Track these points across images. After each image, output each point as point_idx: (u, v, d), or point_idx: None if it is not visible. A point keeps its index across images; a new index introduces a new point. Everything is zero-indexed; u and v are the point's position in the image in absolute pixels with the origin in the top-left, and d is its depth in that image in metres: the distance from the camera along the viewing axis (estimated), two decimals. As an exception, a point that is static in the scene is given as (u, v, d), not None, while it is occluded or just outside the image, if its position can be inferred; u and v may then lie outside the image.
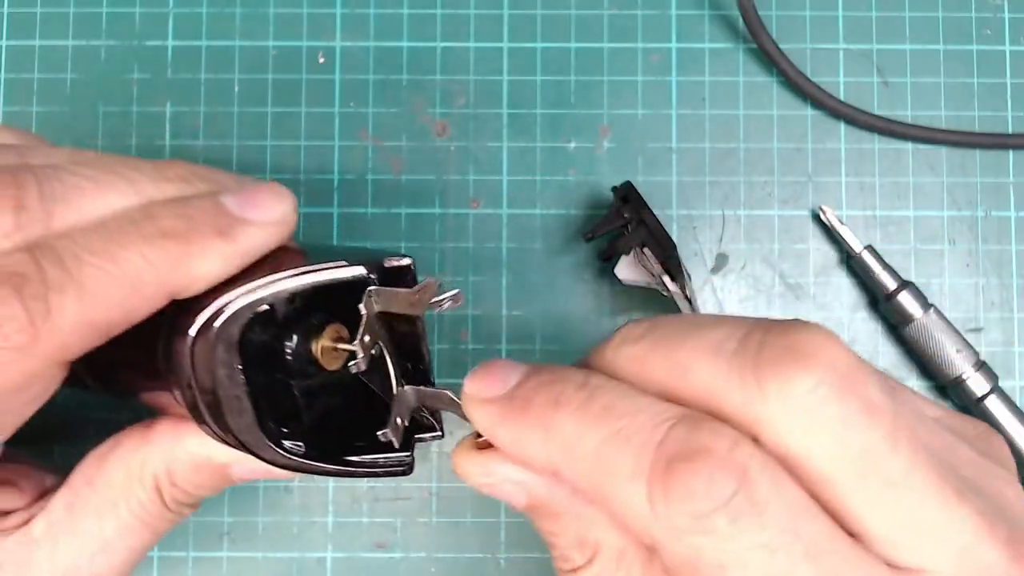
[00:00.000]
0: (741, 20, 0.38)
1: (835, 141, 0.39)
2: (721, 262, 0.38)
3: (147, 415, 0.29)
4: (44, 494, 0.28)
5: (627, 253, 0.35)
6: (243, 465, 0.28)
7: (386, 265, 0.25)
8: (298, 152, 0.39)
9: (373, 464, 0.27)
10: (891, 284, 0.36)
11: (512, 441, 0.22)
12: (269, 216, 0.25)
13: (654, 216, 0.34)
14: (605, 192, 0.38)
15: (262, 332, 0.25)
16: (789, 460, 0.20)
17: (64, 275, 0.22)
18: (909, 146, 0.39)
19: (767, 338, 0.20)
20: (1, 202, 0.23)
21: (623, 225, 0.34)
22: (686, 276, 0.35)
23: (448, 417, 0.28)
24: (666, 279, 0.34)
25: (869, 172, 0.39)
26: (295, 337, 0.26)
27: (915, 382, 0.38)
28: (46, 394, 0.24)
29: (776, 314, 0.38)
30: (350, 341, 0.25)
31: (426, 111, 0.39)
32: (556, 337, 0.38)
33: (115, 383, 0.29)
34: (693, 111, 0.39)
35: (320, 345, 0.26)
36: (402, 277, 0.26)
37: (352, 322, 0.26)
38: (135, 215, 0.24)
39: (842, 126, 0.39)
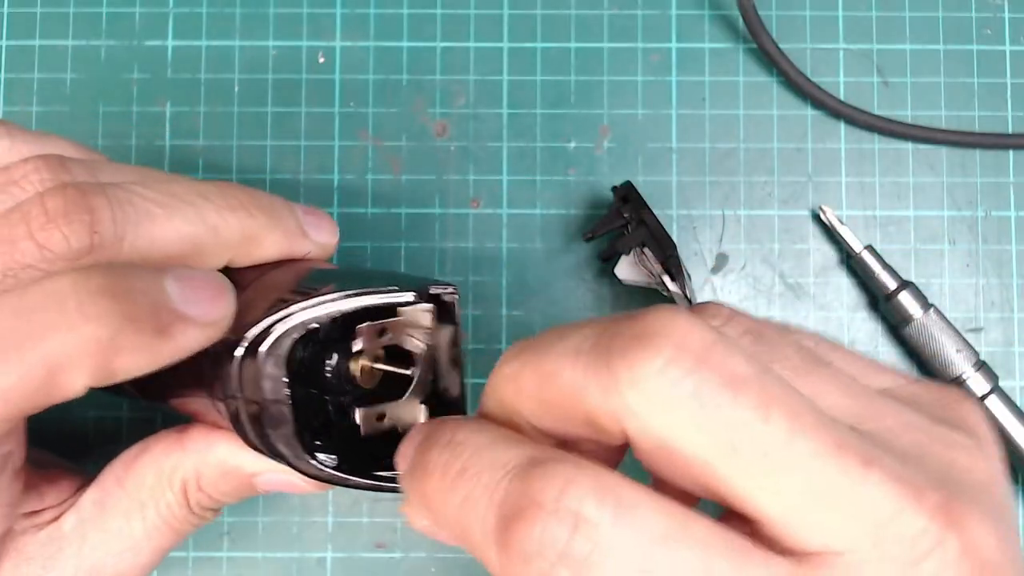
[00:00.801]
0: (741, 20, 0.38)
1: (835, 141, 0.39)
2: (721, 262, 0.38)
3: (180, 421, 0.29)
4: (75, 493, 0.28)
5: (627, 253, 0.35)
6: (270, 476, 0.28)
7: (431, 292, 0.25)
8: (298, 152, 0.39)
9: (396, 479, 0.26)
10: (891, 284, 0.36)
11: (408, 504, 0.23)
12: (212, 315, 0.23)
13: (654, 216, 0.34)
14: (605, 192, 0.38)
15: (306, 348, 0.25)
16: (660, 450, 0.19)
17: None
18: (909, 146, 0.39)
19: (617, 329, 0.19)
20: (75, 225, 0.22)
21: (623, 225, 0.34)
22: (686, 276, 0.35)
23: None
24: (666, 279, 0.34)
25: (869, 172, 0.39)
26: (335, 355, 0.26)
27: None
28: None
29: (776, 314, 0.38)
30: (386, 361, 0.26)
31: (426, 111, 0.39)
32: (556, 337, 0.38)
33: (151, 390, 0.29)
34: (693, 111, 0.39)
35: (360, 364, 0.26)
36: (442, 305, 0.26)
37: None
38: (65, 289, 0.22)
39: (842, 126, 0.39)
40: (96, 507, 0.28)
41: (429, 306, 0.26)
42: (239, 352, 0.24)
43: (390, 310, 0.25)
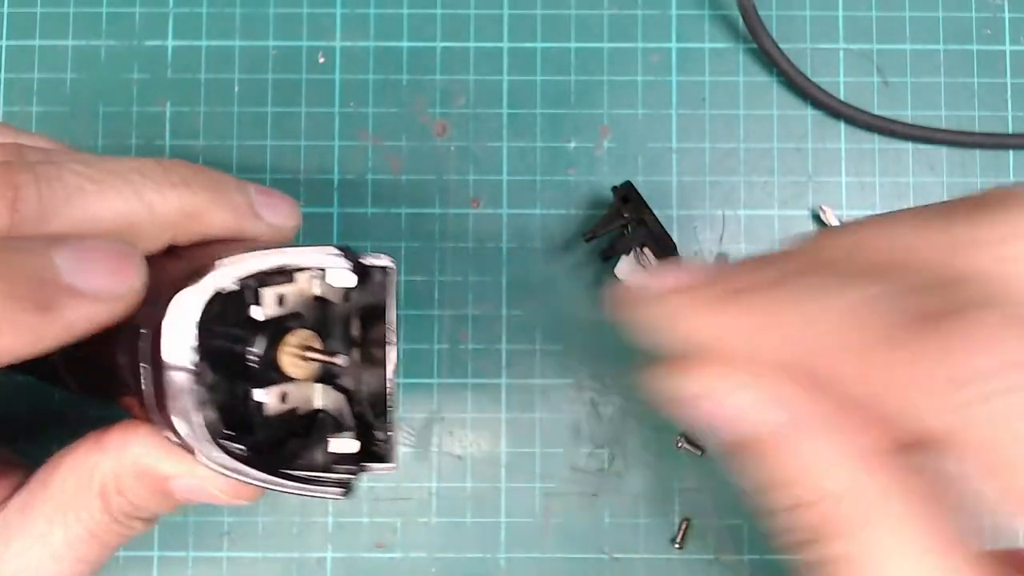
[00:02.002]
0: (741, 20, 0.38)
1: (835, 141, 0.39)
2: (721, 262, 0.38)
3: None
4: (13, 493, 0.27)
5: (627, 253, 0.35)
6: (185, 481, 0.26)
7: (363, 261, 0.24)
8: (298, 152, 0.39)
9: (309, 480, 0.25)
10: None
11: (735, 333, 0.18)
12: (110, 288, 0.22)
13: (654, 216, 0.34)
14: (605, 192, 0.38)
15: (224, 324, 0.24)
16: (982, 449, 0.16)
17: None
18: (909, 146, 0.39)
19: (969, 198, 0.18)
20: None
21: (623, 225, 0.34)
22: (686, 276, 0.35)
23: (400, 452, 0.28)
24: (666, 279, 0.34)
25: (869, 172, 0.39)
26: (260, 339, 0.24)
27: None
28: None
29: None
30: (317, 350, 0.24)
31: (426, 111, 0.39)
32: (556, 337, 0.38)
33: (89, 383, 0.28)
34: (693, 111, 0.39)
35: (285, 350, 0.24)
36: (378, 278, 0.25)
37: (326, 334, 0.25)
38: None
39: (842, 126, 0.39)
40: (20, 512, 0.26)
41: (350, 277, 0.24)
42: (148, 318, 0.22)
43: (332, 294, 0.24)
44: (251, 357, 0.24)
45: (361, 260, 0.24)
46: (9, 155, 0.24)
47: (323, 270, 0.24)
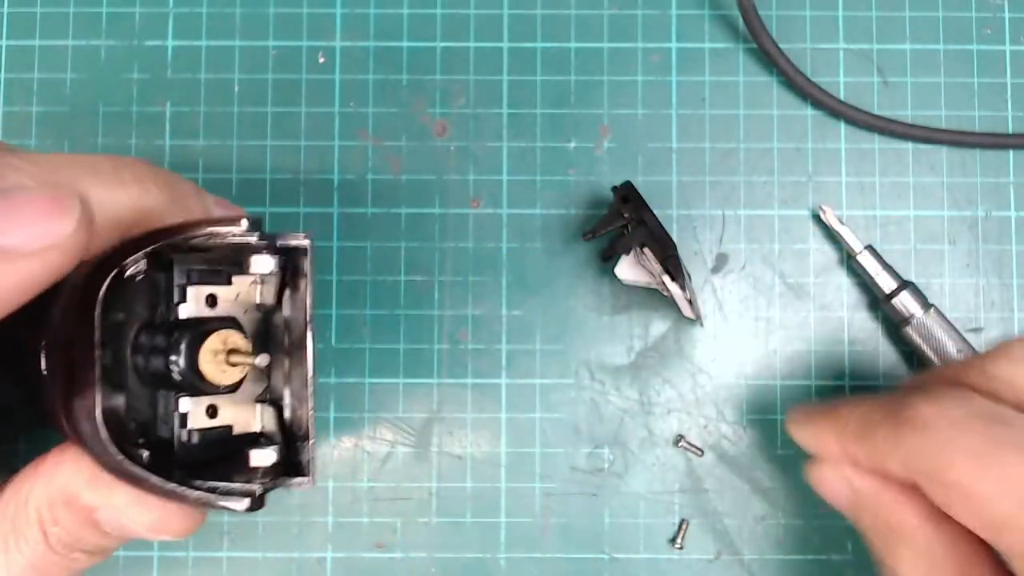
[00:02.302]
0: (741, 20, 0.38)
1: (835, 141, 0.39)
2: (721, 262, 0.38)
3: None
4: None
5: (627, 253, 0.35)
6: (108, 513, 0.24)
7: (280, 243, 0.22)
8: (298, 152, 0.39)
9: (212, 490, 0.23)
10: (891, 284, 0.36)
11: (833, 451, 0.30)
12: (39, 240, 0.20)
13: (654, 216, 0.34)
14: (605, 192, 0.38)
15: (150, 331, 0.22)
16: None
17: None
18: (909, 146, 0.39)
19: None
20: None
21: (623, 225, 0.34)
22: (686, 276, 0.35)
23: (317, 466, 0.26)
24: (666, 279, 0.34)
25: (869, 172, 0.39)
26: (183, 341, 0.22)
27: (915, 382, 0.38)
28: None
29: (776, 314, 0.38)
30: (243, 353, 0.22)
31: (426, 111, 0.39)
32: (556, 337, 0.38)
33: (30, 401, 0.26)
34: (693, 111, 0.39)
35: (204, 350, 0.22)
36: (290, 257, 0.23)
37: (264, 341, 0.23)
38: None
39: (842, 126, 0.39)
40: None
41: (268, 261, 0.22)
42: (62, 292, 0.21)
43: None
44: (172, 361, 0.22)
45: (279, 242, 0.22)
46: None
47: (263, 277, 0.22)
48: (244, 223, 0.21)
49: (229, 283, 0.23)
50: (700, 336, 0.38)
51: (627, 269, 0.35)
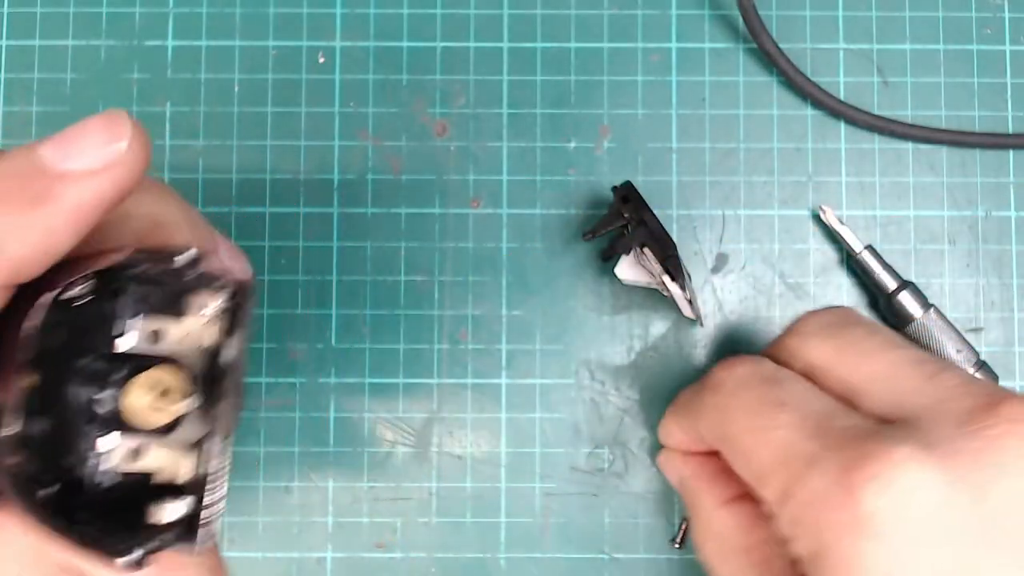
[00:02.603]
0: (741, 20, 0.38)
1: (835, 141, 0.39)
2: (721, 262, 0.38)
3: None
4: None
5: (627, 253, 0.35)
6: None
7: (216, 283, 0.20)
8: (298, 152, 0.39)
9: (95, 539, 0.20)
10: (891, 284, 0.36)
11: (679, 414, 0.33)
12: (103, 158, 0.20)
13: (654, 216, 0.34)
14: (605, 192, 0.38)
15: (85, 356, 0.20)
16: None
17: None
18: (909, 146, 0.39)
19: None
20: None
21: (623, 225, 0.34)
22: (686, 276, 0.35)
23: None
24: (666, 279, 0.34)
25: (869, 172, 0.39)
26: (114, 375, 0.21)
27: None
28: None
29: (776, 314, 0.38)
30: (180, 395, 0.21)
31: (426, 111, 0.39)
32: (556, 337, 0.38)
33: None
34: (693, 111, 0.39)
35: (131, 387, 0.21)
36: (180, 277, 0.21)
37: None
38: None
39: (842, 126, 0.39)
40: None
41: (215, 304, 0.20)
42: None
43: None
44: (98, 396, 0.21)
45: (215, 281, 0.20)
46: None
47: (222, 312, 0.21)
48: (186, 256, 0.20)
49: (178, 319, 0.21)
50: (700, 336, 0.38)
51: (627, 269, 0.35)
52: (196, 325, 0.21)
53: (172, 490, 0.22)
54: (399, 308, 0.38)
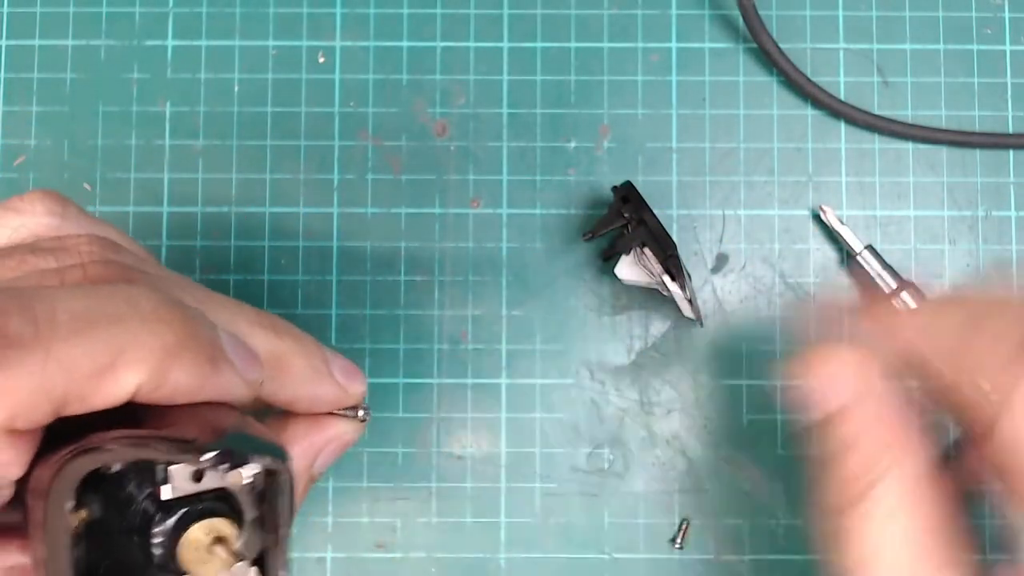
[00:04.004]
0: (741, 20, 0.38)
1: (835, 141, 0.39)
2: (721, 262, 0.38)
3: None
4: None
5: (627, 253, 0.35)
6: None
7: (250, 462, 0.20)
8: (298, 152, 0.39)
9: None
10: (891, 284, 0.36)
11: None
12: (248, 374, 0.23)
13: (654, 216, 0.34)
14: (605, 192, 0.38)
15: (128, 502, 0.21)
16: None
17: (30, 329, 0.18)
18: (909, 146, 0.39)
19: None
20: None
21: (623, 225, 0.34)
22: (686, 276, 0.35)
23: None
24: (666, 279, 0.34)
25: (869, 172, 0.39)
26: (163, 523, 0.21)
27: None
28: (9, 468, 0.20)
29: (776, 314, 0.38)
30: (229, 550, 0.21)
31: (426, 111, 0.39)
32: (556, 337, 0.38)
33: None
34: (693, 111, 0.39)
35: (186, 544, 0.21)
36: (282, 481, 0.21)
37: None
38: (119, 297, 0.21)
39: (842, 126, 0.39)
40: None
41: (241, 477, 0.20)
42: (38, 468, 0.20)
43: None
44: (154, 542, 0.21)
45: (249, 460, 0.20)
46: (128, 260, 0.24)
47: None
48: (208, 457, 0.20)
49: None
50: (700, 336, 0.38)
51: (627, 269, 0.35)
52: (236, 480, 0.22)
53: None
54: (399, 308, 0.38)
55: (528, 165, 0.39)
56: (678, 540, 0.37)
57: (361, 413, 0.28)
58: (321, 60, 0.39)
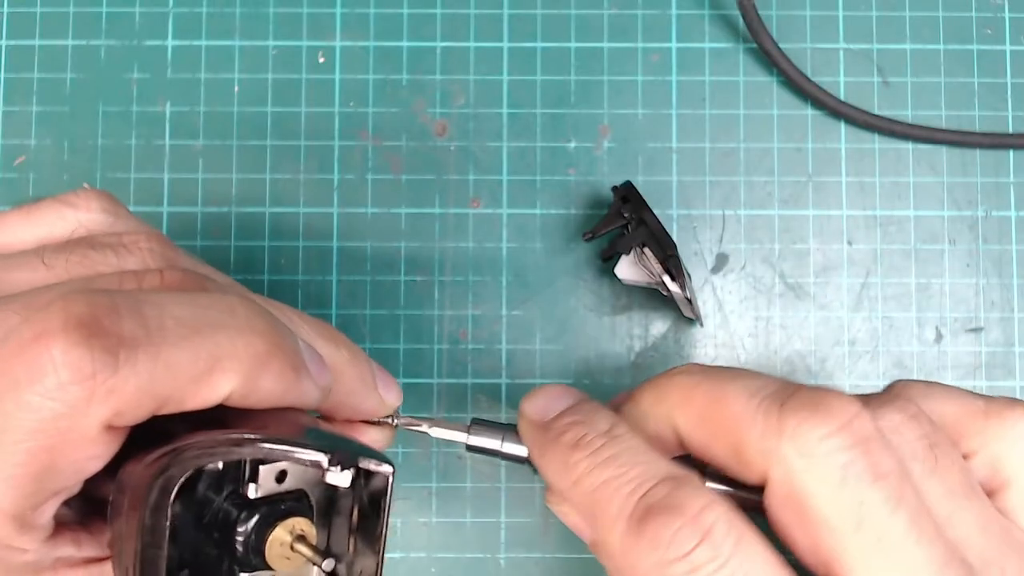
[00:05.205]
0: (741, 20, 0.38)
1: (835, 141, 0.39)
2: (721, 262, 0.38)
3: None
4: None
5: (627, 253, 0.35)
6: None
7: (360, 466, 0.22)
8: (298, 152, 0.39)
9: None
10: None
11: (542, 465, 0.26)
12: (321, 381, 0.24)
13: (654, 216, 0.34)
14: (605, 192, 0.38)
15: (229, 497, 0.22)
16: (789, 501, 0.22)
17: (142, 332, 0.20)
18: (909, 146, 0.39)
19: (797, 392, 0.22)
20: None
21: (623, 225, 0.34)
22: (686, 276, 0.35)
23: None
24: (666, 279, 0.34)
25: (869, 172, 0.39)
26: (252, 517, 0.22)
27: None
28: (94, 462, 0.21)
29: (776, 314, 0.38)
30: (310, 547, 0.22)
31: (426, 111, 0.39)
32: (556, 337, 0.38)
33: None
34: (693, 111, 0.39)
35: (272, 541, 0.22)
36: (377, 484, 0.23)
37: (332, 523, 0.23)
38: (219, 305, 0.22)
39: (842, 126, 0.39)
40: None
41: (345, 477, 0.22)
42: (132, 466, 0.21)
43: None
44: (238, 538, 0.22)
45: (359, 464, 0.22)
46: (184, 260, 0.25)
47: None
48: (325, 461, 0.21)
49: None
50: (700, 336, 0.38)
51: (627, 269, 0.35)
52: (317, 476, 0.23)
53: None
54: (399, 308, 0.38)
55: (528, 165, 0.39)
56: (678, 540, 0.37)
57: (394, 421, 0.29)
58: (321, 60, 0.39)
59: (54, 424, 0.19)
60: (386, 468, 0.23)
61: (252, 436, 0.21)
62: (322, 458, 0.21)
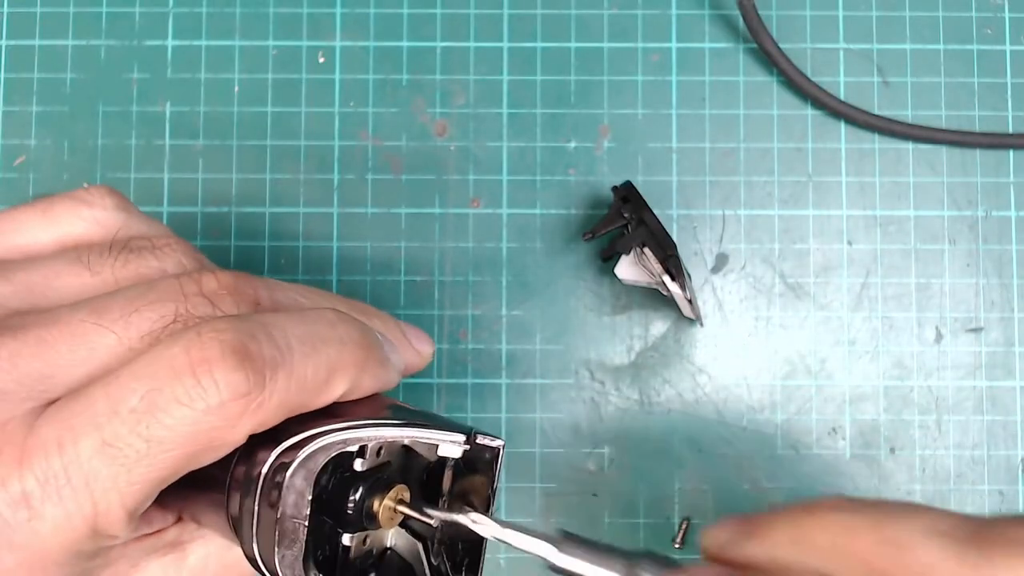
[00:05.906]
0: (741, 20, 0.38)
1: (835, 141, 0.39)
2: (721, 262, 0.38)
3: None
4: (176, 522, 0.27)
5: (627, 253, 0.35)
6: None
7: (479, 442, 0.25)
8: (298, 152, 0.39)
9: None
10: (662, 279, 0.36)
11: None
12: (400, 366, 0.27)
13: (654, 216, 0.34)
14: (605, 192, 0.38)
15: (336, 472, 0.25)
16: None
17: (278, 354, 0.22)
18: (909, 146, 0.39)
19: (997, 527, 0.21)
20: (245, 297, 0.24)
21: (623, 225, 0.34)
22: (686, 276, 0.35)
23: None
24: (666, 279, 0.34)
25: (869, 172, 0.39)
26: (361, 487, 0.25)
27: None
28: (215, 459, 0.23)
29: (776, 314, 0.38)
30: (411, 506, 0.25)
31: (426, 111, 0.39)
32: (556, 337, 0.38)
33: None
34: (693, 111, 0.39)
35: (383, 503, 0.25)
36: (484, 457, 0.26)
37: (414, 484, 0.26)
38: (323, 321, 0.24)
39: (842, 126, 0.39)
40: (224, 545, 0.27)
41: (459, 448, 0.25)
42: (273, 455, 0.23)
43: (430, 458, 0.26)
44: (350, 507, 0.25)
45: (477, 440, 0.25)
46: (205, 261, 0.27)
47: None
48: (461, 439, 0.25)
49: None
50: (700, 336, 0.38)
51: (627, 269, 0.35)
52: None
53: (407, 568, 0.28)
54: (399, 308, 0.38)
55: (528, 165, 0.39)
56: (678, 540, 0.37)
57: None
58: (321, 60, 0.39)
59: (207, 435, 0.21)
60: (498, 442, 0.26)
61: (397, 422, 0.24)
62: (460, 439, 0.24)
